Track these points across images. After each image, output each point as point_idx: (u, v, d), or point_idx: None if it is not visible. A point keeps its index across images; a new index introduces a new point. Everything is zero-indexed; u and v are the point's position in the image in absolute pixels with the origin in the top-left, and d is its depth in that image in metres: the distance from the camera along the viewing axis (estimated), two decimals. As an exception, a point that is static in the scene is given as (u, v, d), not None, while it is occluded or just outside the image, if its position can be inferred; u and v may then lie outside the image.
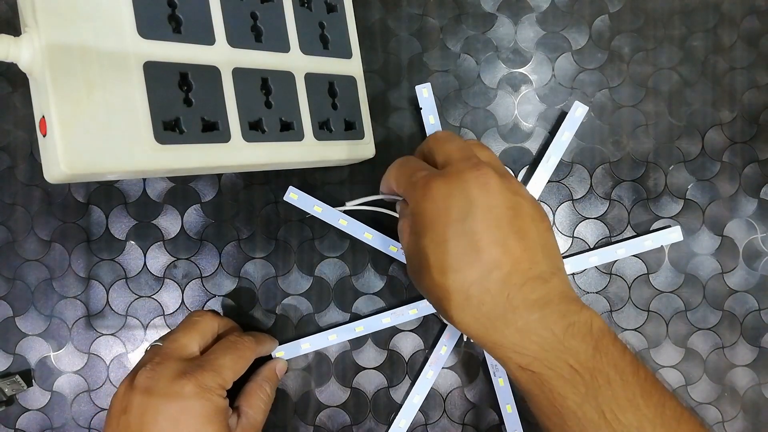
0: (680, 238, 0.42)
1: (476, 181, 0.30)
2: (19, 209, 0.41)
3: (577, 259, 0.42)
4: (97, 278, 0.42)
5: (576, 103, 0.41)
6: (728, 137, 0.43)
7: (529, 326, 0.29)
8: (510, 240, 0.30)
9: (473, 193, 0.30)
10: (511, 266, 0.29)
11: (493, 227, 0.30)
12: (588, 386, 0.29)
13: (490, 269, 0.29)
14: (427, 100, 0.41)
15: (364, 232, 0.42)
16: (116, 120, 0.29)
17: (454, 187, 0.30)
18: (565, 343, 0.29)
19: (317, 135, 0.37)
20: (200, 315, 0.38)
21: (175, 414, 0.32)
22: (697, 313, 0.43)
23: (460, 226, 0.30)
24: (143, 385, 0.33)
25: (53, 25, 0.27)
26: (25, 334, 0.42)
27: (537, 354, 0.29)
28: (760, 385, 0.43)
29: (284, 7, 0.36)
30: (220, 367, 0.35)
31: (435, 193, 0.30)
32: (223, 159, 0.33)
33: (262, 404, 0.38)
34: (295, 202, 0.41)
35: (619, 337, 0.30)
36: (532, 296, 0.29)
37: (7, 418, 0.42)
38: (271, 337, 0.41)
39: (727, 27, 0.43)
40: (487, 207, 0.30)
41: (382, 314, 0.42)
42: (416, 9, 0.43)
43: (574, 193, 0.43)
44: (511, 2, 0.43)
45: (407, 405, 0.42)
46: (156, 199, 0.42)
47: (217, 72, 0.33)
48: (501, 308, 0.29)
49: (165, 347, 0.35)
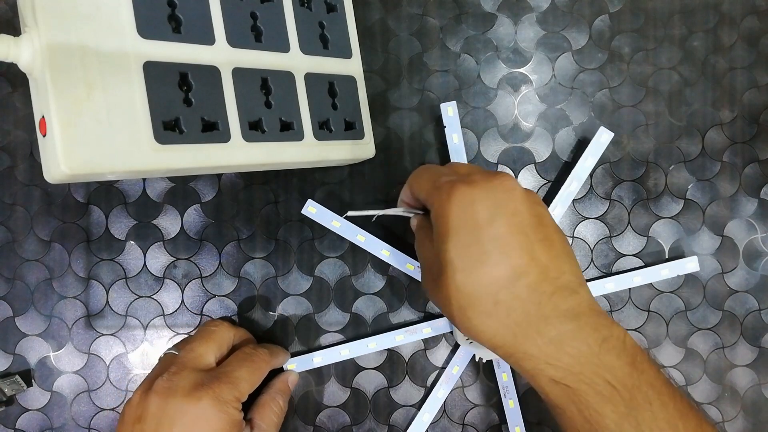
0: (697, 269, 0.42)
1: (502, 187, 0.30)
2: (18, 209, 0.41)
3: (592, 285, 0.42)
4: (97, 278, 0.42)
5: (601, 128, 0.41)
6: (728, 137, 0.43)
7: (563, 337, 0.28)
8: (536, 246, 0.29)
9: (499, 198, 0.30)
10: (539, 273, 0.29)
11: (520, 233, 0.29)
12: (627, 405, 0.28)
13: (518, 275, 0.29)
14: (452, 119, 0.41)
15: (382, 249, 0.41)
16: (116, 120, 0.29)
17: (480, 191, 0.30)
18: (601, 358, 0.28)
19: (317, 135, 0.37)
20: (217, 325, 0.38)
21: (190, 425, 0.32)
22: (698, 313, 0.43)
23: (488, 229, 0.29)
24: (161, 395, 0.33)
25: (53, 25, 0.27)
26: (24, 334, 0.42)
27: (572, 367, 0.28)
28: (761, 385, 0.43)
29: (284, 7, 0.36)
30: (237, 379, 0.34)
31: (461, 196, 0.30)
32: (223, 159, 0.33)
33: (275, 417, 0.38)
34: (313, 216, 0.41)
35: (650, 356, 0.30)
36: (563, 306, 0.29)
37: (7, 418, 0.42)
38: (283, 350, 0.41)
39: (727, 27, 0.43)
40: (513, 212, 0.30)
41: (395, 332, 0.42)
42: (416, 9, 0.43)
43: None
44: (511, 2, 0.43)
45: (417, 422, 0.42)
46: (156, 199, 0.42)
47: (217, 72, 0.33)
48: (532, 316, 0.29)
49: (182, 357, 0.35)
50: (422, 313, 0.43)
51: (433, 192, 0.32)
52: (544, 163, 0.43)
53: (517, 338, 0.29)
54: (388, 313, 0.43)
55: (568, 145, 0.43)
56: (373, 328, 0.43)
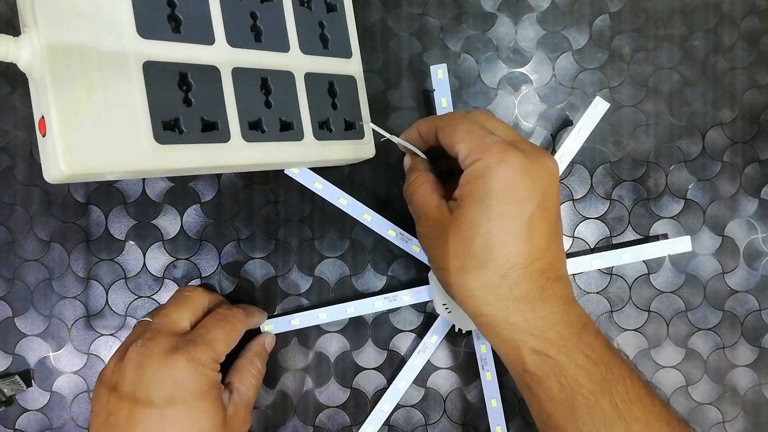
0: (689, 248, 0.42)
1: (549, 167, 0.31)
2: (18, 209, 0.41)
3: (579, 261, 0.42)
4: (97, 278, 0.42)
5: (597, 98, 0.40)
6: (729, 137, 0.43)
7: (554, 317, 0.30)
8: (555, 238, 0.31)
9: (544, 178, 0.31)
10: (550, 261, 0.31)
11: (550, 221, 0.31)
12: (603, 377, 0.30)
13: (535, 258, 0.30)
14: (441, 81, 0.40)
15: (364, 213, 0.41)
16: (116, 120, 0.29)
17: (531, 165, 0.30)
18: (583, 337, 0.30)
19: (317, 135, 0.37)
20: (191, 290, 0.38)
21: (168, 389, 0.32)
22: (698, 314, 0.43)
23: (526, 206, 0.30)
24: (135, 361, 0.32)
25: (52, 25, 0.27)
26: (24, 335, 0.42)
27: (556, 341, 0.30)
28: (761, 385, 0.43)
29: (284, 7, 0.36)
30: (212, 340, 0.34)
31: (513, 164, 0.30)
32: (222, 159, 0.33)
33: (254, 380, 0.38)
34: (296, 177, 0.40)
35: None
36: (560, 292, 0.31)
37: (6, 418, 0.42)
38: (260, 310, 0.41)
39: (728, 27, 0.43)
40: (550, 197, 0.31)
41: (374, 297, 0.41)
42: (416, 9, 0.43)
43: (575, 193, 0.43)
44: (511, 2, 0.43)
45: (392, 389, 0.41)
46: (155, 199, 0.42)
47: (217, 72, 0.33)
48: (532, 297, 0.30)
49: (155, 322, 0.35)
50: (423, 314, 0.43)
51: (479, 148, 0.31)
52: (545, 163, 0.43)
53: (508, 311, 0.30)
54: (388, 313, 0.43)
55: (568, 145, 0.43)
56: (373, 329, 0.43)
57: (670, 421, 0.31)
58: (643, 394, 0.30)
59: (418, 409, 0.43)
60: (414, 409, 0.43)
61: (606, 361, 0.30)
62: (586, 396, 0.30)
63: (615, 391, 0.30)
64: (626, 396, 0.30)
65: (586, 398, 0.30)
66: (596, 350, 0.30)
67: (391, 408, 0.42)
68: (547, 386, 0.30)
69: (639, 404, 0.30)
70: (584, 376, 0.30)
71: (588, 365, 0.30)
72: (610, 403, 0.29)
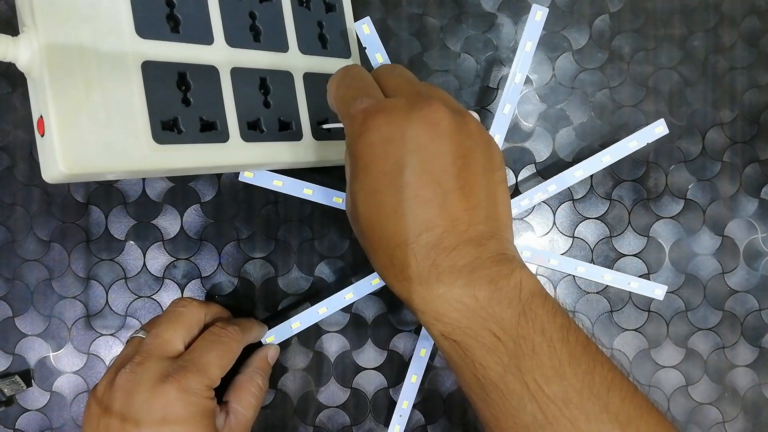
0: (666, 131, 0.39)
1: (425, 121, 0.27)
2: (18, 209, 0.41)
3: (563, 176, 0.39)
4: (97, 278, 0.42)
5: (534, 6, 0.37)
6: (729, 137, 0.43)
7: (452, 293, 0.26)
8: (451, 197, 0.27)
9: (418, 136, 0.26)
10: (446, 228, 0.27)
11: (434, 182, 0.26)
12: (511, 355, 0.26)
13: (420, 231, 0.27)
14: (369, 37, 0.37)
15: (303, 188, 0.39)
16: (114, 120, 0.29)
17: (397, 127, 0.26)
18: (489, 310, 0.26)
19: (316, 135, 0.37)
20: (185, 305, 0.35)
21: (158, 419, 0.30)
22: (698, 314, 0.43)
23: (396, 178, 0.26)
24: (124, 389, 0.31)
25: (51, 25, 0.27)
26: (24, 335, 0.42)
27: (458, 322, 0.27)
28: (761, 385, 0.43)
29: (283, 7, 0.36)
30: (205, 366, 0.32)
31: (374, 133, 0.27)
32: (221, 159, 0.33)
33: (253, 399, 0.36)
34: (251, 181, 0.38)
35: (554, 299, 0.28)
36: (460, 262, 0.27)
37: (6, 418, 0.42)
38: (258, 323, 0.39)
39: (728, 27, 0.43)
40: (431, 155, 0.26)
41: (371, 276, 0.40)
42: (416, 9, 0.43)
43: (575, 193, 0.43)
44: (511, 2, 0.43)
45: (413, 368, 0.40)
46: (155, 199, 0.42)
47: (216, 72, 0.33)
48: (425, 274, 0.27)
49: (147, 343, 0.33)
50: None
51: (345, 119, 0.28)
52: (545, 163, 0.43)
53: (411, 295, 0.27)
54: (389, 313, 0.43)
55: (568, 144, 0.43)
56: (373, 329, 0.43)
57: (595, 392, 0.26)
58: (562, 364, 0.26)
59: (418, 408, 0.43)
60: (414, 409, 0.43)
61: (515, 336, 0.26)
62: (495, 379, 0.26)
63: (525, 368, 0.26)
64: (538, 373, 0.26)
65: (496, 382, 0.26)
66: (507, 323, 0.26)
67: (410, 404, 0.41)
68: (460, 371, 0.28)
69: (556, 379, 0.26)
70: (491, 357, 0.26)
71: (494, 344, 0.26)
72: (520, 384, 0.26)
